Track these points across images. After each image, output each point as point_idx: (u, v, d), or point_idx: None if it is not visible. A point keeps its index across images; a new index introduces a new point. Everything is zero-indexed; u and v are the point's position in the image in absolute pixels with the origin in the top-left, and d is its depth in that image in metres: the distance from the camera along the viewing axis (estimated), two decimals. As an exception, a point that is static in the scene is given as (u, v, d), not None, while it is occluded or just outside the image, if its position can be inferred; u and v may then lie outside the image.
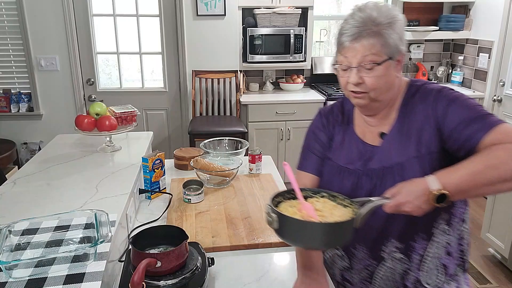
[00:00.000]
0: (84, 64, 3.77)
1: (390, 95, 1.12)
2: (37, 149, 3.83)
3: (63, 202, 1.36)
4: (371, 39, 1.03)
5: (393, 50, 1.05)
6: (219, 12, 3.71)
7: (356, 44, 1.04)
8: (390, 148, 1.13)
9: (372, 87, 1.07)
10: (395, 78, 1.09)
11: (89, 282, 0.97)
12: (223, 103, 3.89)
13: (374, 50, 1.03)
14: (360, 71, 1.06)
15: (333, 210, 1.00)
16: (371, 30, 1.03)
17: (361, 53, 1.04)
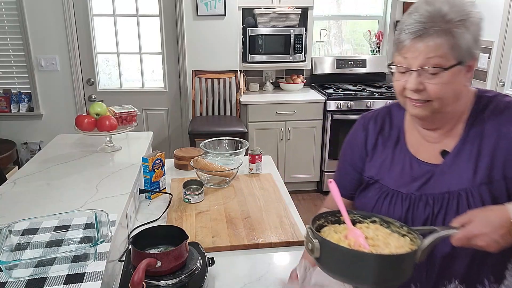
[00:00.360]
0: (84, 64, 3.77)
1: (457, 107, 0.94)
2: (37, 149, 3.83)
3: (63, 202, 1.36)
4: (438, 38, 0.85)
5: (464, 54, 0.87)
6: (219, 12, 3.70)
7: (419, 44, 0.87)
8: (455, 169, 0.95)
9: (435, 96, 0.89)
10: (463, 87, 0.92)
11: (89, 282, 0.97)
12: (223, 103, 3.89)
13: (441, 52, 0.86)
14: (421, 76, 0.88)
15: (388, 239, 0.84)
16: (439, 27, 0.85)
17: (424, 55, 0.87)
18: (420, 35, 0.86)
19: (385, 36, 4.16)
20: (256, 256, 1.31)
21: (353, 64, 4.07)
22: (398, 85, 0.94)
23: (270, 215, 1.54)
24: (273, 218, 1.51)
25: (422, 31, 0.86)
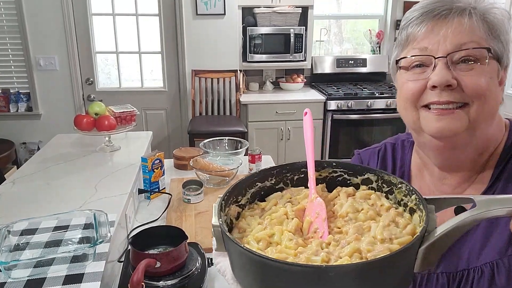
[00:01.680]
0: (83, 64, 3.76)
1: (490, 131, 0.68)
2: (36, 149, 3.82)
3: (62, 202, 1.36)
4: (472, 19, 0.62)
5: (502, 49, 0.64)
6: (218, 12, 3.70)
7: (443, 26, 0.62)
8: (477, 237, 0.66)
9: (475, 92, 0.62)
10: (499, 101, 0.67)
11: (88, 282, 0.96)
12: (222, 103, 3.88)
13: (477, 37, 0.62)
14: (450, 69, 0.62)
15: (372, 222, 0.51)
16: (471, 5, 0.63)
17: (454, 38, 0.62)
18: (444, 15, 0.62)
19: (385, 35, 4.16)
20: (256, 257, 1.30)
21: (354, 63, 4.07)
22: (411, 89, 0.66)
23: (270, 215, 1.53)
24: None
25: (446, 10, 0.63)
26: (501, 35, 0.64)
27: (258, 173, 0.59)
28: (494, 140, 0.70)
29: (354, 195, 0.56)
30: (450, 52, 0.62)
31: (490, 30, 0.63)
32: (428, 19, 0.64)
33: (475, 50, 0.62)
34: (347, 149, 3.77)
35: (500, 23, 0.64)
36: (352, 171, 0.58)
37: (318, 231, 0.51)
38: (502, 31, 0.64)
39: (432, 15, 0.63)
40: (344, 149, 3.76)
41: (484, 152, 0.69)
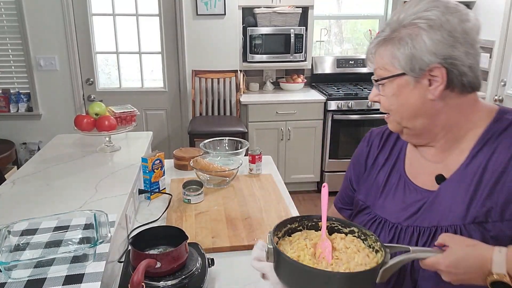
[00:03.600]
0: (83, 64, 3.77)
1: (427, 123, 0.85)
2: (36, 149, 3.83)
3: (62, 203, 1.36)
4: (382, 47, 0.83)
5: (407, 63, 0.80)
6: (219, 12, 3.70)
7: (375, 54, 0.87)
8: (448, 200, 0.84)
9: (384, 108, 0.88)
10: (422, 101, 0.82)
11: (89, 282, 0.96)
12: (223, 103, 3.88)
13: (382, 62, 0.84)
14: (378, 88, 0.87)
15: (356, 255, 0.80)
16: (385, 35, 0.83)
17: (375, 66, 0.86)
18: (375, 45, 0.85)
19: (385, 35, 4.16)
20: (257, 257, 1.30)
21: (354, 63, 4.07)
22: None
23: (270, 215, 1.53)
24: (273, 219, 1.51)
25: (376, 42, 0.85)
26: (408, 50, 0.80)
27: (289, 219, 0.88)
28: (464, 122, 0.85)
29: (344, 238, 0.85)
30: (374, 77, 0.87)
31: (396, 51, 0.81)
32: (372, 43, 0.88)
33: (380, 75, 0.85)
34: (347, 149, 3.77)
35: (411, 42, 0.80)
36: (343, 224, 0.88)
37: (325, 257, 0.79)
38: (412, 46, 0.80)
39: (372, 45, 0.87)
40: (344, 149, 3.76)
41: (449, 132, 0.86)
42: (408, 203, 0.90)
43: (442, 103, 0.82)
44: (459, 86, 0.81)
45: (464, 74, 0.80)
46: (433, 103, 0.82)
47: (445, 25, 0.78)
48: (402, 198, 0.91)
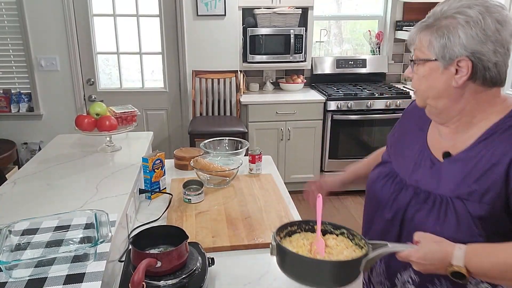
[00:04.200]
0: (84, 64, 3.77)
1: (447, 105, 0.94)
2: (37, 149, 3.83)
3: (63, 202, 1.36)
4: (423, 33, 0.94)
5: (441, 51, 0.90)
6: (219, 12, 3.70)
7: (415, 37, 0.98)
8: (447, 174, 0.96)
9: (413, 86, 1.00)
10: (447, 86, 0.92)
11: (89, 282, 0.97)
12: (223, 103, 3.89)
13: (420, 46, 0.95)
14: (413, 67, 0.99)
15: (344, 250, 0.96)
16: (426, 23, 0.94)
17: (414, 47, 0.98)
18: (417, 29, 0.97)
19: (385, 36, 4.16)
20: (256, 256, 1.31)
21: (353, 64, 4.07)
22: None
23: (270, 215, 1.54)
24: (273, 218, 1.51)
25: (418, 28, 0.96)
26: (444, 40, 0.90)
27: (290, 223, 1.05)
28: (479, 112, 0.94)
29: (336, 238, 1.02)
30: (412, 57, 0.99)
31: (433, 39, 0.92)
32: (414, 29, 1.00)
33: (416, 56, 0.97)
34: (346, 150, 3.77)
35: (448, 33, 0.90)
36: (335, 227, 1.04)
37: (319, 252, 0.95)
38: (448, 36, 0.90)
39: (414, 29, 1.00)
40: (343, 149, 3.77)
41: (463, 117, 0.95)
42: (419, 164, 1.03)
43: (463, 91, 0.92)
44: (481, 79, 0.90)
45: (488, 69, 0.89)
46: (455, 90, 0.92)
47: (481, 23, 0.86)
48: (415, 159, 1.04)
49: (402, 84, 4.19)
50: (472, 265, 0.83)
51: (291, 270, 0.93)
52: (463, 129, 0.97)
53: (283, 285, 1.18)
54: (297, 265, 0.91)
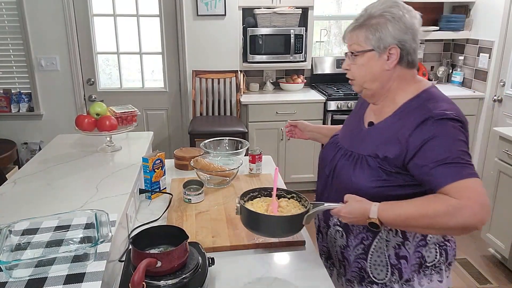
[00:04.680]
0: (84, 64, 3.77)
1: (384, 87, 1.19)
2: (38, 149, 3.83)
3: (63, 202, 1.36)
4: (357, 30, 1.16)
5: (375, 42, 1.14)
6: (219, 12, 3.71)
7: (349, 34, 1.20)
8: (369, 138, 1.23)
9: (353, 75, 1.21)
10: (382, 71, 1.16)
11: (89, 282, 0.97)
12: (223, 103, 3.89)
13: (356, 40, 1.17)
14: (349, 59, 1.21)
15: (292, 209, 1.23)
16: (360, 22, 1.16)
17: (349, 42, 1.20)
18: (352, 29, 1.18)
19: (385, 36, 4.16)
20: (256, 256, 1.31)
21: (353, 64, 4.07)
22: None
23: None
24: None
25: (352, 27, 1.18)
26: (377, 33, 1.14)
27: (251, 189, 1.32)
28: (401, 91, 1.20)
29: (287, 201, 1.29)
30: (348, 51, 1.21)
31: (368, 34, 1.15)
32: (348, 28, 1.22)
33: (354, 49, 1.19)
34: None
35: (378, 28, 1.15)
36: (287, 192, 1.31)
37: (272, 211, 1.22)
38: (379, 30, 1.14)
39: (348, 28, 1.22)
40: (344, 149, 3.77)
41: (388, 96, 1.21)
42: (353, 132, 1.31)
43: (392, 73, 1.17)
44: (406, 62, 1.17)
45: (409, 54, 1.16)
46: (387, 72, 1.17)
47: (402, 18, 1.13)
48: (352, 128, 1.33)
49: (402, 84, 4.19)
50: (383, 217, 1.07)
51: (250, 225, 1.19)
52: (387, 104, 1.21)
53: (283, 285, 1.18)
54: (255, 221, 1.18)
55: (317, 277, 1.20)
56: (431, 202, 1.03)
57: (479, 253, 2.93)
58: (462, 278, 2.66)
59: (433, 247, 1.22)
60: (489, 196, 2.78)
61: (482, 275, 2.68)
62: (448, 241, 1.25)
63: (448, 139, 1.05)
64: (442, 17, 4.02)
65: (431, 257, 1.22)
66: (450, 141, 1.05)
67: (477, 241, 3.02)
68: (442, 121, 1.07)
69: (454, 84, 4.12)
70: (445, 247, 1.24)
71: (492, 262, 2.82)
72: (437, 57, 4.28)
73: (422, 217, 1.02)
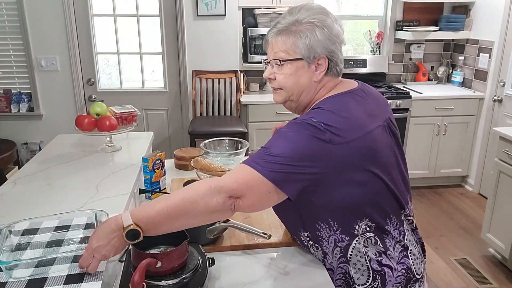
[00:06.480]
0: (84, 64, 3.78)
1: (306, 98, 1.12)
2: (38, 149, 3.83)
3: (63, 202, 1.37)
4: (284, 36, 1.07)
5: (305, 51, 1.06)
6: (219, 12, 3.71)
7: (273, 40, 1.10)
8: None
9: (280, 84, 1.11)
10: (308, 81, 1.09)
11: (89, 282, 0.97)
12: (223, 103, 3.89)
13: (284, 47, 1.07)
14: (273, 67, 1.11)
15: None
16: (288, 28, 1.07)
17: (274, 49, 1.09)
18: (274, 33, 1.09)
19: (385, 36, 4.16)
20: (256, 256, 1.31)
21: (354, 64, 4.08)
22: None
23: (270, 215, 1.54)
24: (273, 218, 1.51)
25: (275, 31, 1.09)
26: (306, 42, 1.06)
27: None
28: (313, 101, 1.13)
29: None
30: (272, 58, 1.11)
31: (296, 41, 1.06)
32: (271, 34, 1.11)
33: (282, 57, 1.09)
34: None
35: (307, 36, 1.06)
36: None
37: None
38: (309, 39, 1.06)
39: (272, 33, 1.11)
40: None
41: (310, 106, 1.13)
42: None
43: (319, 84, 1.11)
44: (333, 72, 1.11)
45: (337, 64, 1.11)
46: (315, 84, 1.10)
47: (332, 27, 1.07)
48: None
49: (402, 84, 4.19)
50: (140, 219, 0.95)
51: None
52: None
53: (283, 285, 1.18)
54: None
55: (317, 277, 1.20)
56: (186, 189, 0.99)
57: (479, 253, 2.93)
58: (462, 278, 2.66)
59: (364, 269, 1.11)
60: (489, 196, 2.78)
61: (482, 275, 2.68)
62: (388, 267, 1.11)
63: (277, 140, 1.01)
64: (442, 17, 4.03)
65: (362, 280, 1.11)
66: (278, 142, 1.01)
67: (477, 241, 3.02)
68: (297, 124, 1.02)
69: (454, 84, 4.12)
70: (381, 273, 1.10)
71: (492, 262, 2.82)
72: (437, 57, 4.28)
73: (183, 201, 0.96)
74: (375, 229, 1.10)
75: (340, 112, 1.04)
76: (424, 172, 3.92)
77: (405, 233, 1.16)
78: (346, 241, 1.11)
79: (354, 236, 1.11)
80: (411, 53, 4.21)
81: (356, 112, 1.06)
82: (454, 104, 3.77)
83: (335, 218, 1.10)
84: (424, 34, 3.92)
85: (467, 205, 3.66)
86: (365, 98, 1.13)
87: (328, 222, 1.11)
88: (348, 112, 1.05)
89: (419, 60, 4.25)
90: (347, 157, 1.01)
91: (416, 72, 4.25)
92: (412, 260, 1.14)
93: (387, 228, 1.12)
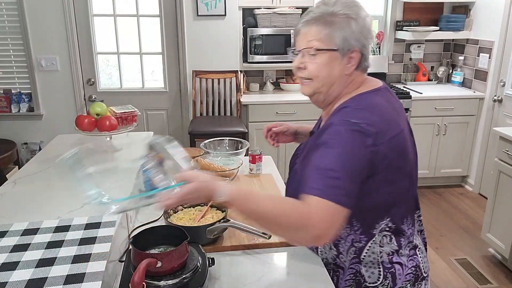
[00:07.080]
0: (84, 64, 3.78)
1: (334, 91, 1.10)
2: (38, 149, 3.84)
3: (63, 202, 1.36)
4: (319, 26, 1.06)
5: (340, 43, 1.04)
6: (219, 12, 3.71)
7: (304, 29, 1.09)
8: (304, 149, 1.17)
9: (312, 74, 1.08)
10: (339, 74, 1.08)
11: (90, 282, 0.97)
12: (223, 103, 3.89)
13: (319, 37, 1.05)
14: (304, 56, 1.09)
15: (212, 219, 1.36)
16: (323, 18, 1.06)
17: (307, 38, 1.07)
18: (307, 22, 1.08)
19: (385, 36, 4.16)
20: (256, 256, 1.31)
21: (354, 64, 4.07)
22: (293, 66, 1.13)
23: (270, 215, 1.54)
24: (274, 218, 1.51)
25: (309, 20, 1.08)
26: (342, 33, 1.04)
27: None
28: (345, 95, 1.10)
29: (216, 212, 1.40)
30: (304, 47, 1.08)
31: (332, 32, 1.04)
32: (302, 23, 1.11)
33: (316, 46, 1.06)
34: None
35: (343, 28, 1.05)
36: (220, 205, 1.37)
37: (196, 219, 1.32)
38: (345, 30, 1.05)
39: (303, 22, 1.10)
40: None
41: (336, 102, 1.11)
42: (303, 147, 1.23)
43: (349, 78, 1.09)
44: (362, 68, 1.11)
45: (366, 59, 1.10)
46: (346, 77, 1.09)
47: (364, 20, 1.06)
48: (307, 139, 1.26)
49: (402, 84, 4.19)
50: (232, 203, 0.99)
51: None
52: (331, 109, 1.13)
53: (283, 285, 1.18)
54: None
55: (317, 277, 1.20)
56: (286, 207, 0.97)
57: (479, 253, 2.93)
58: (462, 278, 2.66)
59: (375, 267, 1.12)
60: (489, 196, 2.78)
61: (482, 275, 2.68)
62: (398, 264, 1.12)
63: (328, 151, 0.99)
64: (442, 17, 4.02)
65: (373, 278, 1.12)
66: (330, 153, 0.98)
67: (477, 241, 3.02)
68: (342, 129, 1.00)
69: (454, 84, 4.12)
70: (392, 270, 1.12)
71: (492, 262, 2.82)
72: (437, 57, 4.28)
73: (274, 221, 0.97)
74: (393, 229, 1.11)
75: (376, 110, 1.04)
76: (424, 172, 3.92)
77: (415, 233, 1.17)
78: (364, 241, 1.12)
79: (372, 236, 1.11)
80: (411, 53, 4.21)
81: (389, 110, 1.07)
82: (454, 104, 3.77)
83: (359, 218, 1.10)
84: (424, 34, 3.92)
85: (467, 205, 3.66)
86: (390, 97, 1.13)
87: (351, 222, 1.10)
88: (383, 111, 1.05)
89: (419, 60, 4.25)
90: (387, 156, 1.01)
91: (416, 72, 4.25)
92: (420, 258, 1.16)
93: (403, 227, 1.13)
